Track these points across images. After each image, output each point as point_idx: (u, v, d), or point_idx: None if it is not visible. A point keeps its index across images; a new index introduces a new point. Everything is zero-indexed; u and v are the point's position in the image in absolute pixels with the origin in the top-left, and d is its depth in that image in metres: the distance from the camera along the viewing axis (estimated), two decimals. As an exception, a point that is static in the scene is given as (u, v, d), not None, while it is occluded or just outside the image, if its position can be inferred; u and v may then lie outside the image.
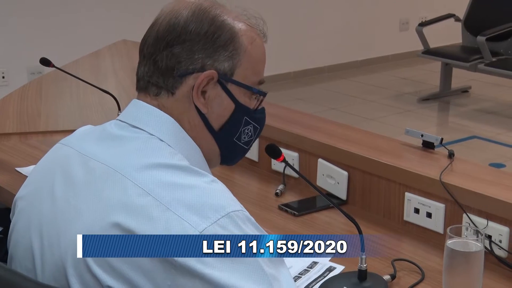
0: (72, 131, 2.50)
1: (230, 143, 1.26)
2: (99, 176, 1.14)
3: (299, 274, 1.67)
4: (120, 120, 1.23)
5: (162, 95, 1.20)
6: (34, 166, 2.14)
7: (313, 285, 1.63)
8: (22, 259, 1.21)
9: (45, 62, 2.42)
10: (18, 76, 5.12)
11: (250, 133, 1.28)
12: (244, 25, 1.23)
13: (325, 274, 1.67)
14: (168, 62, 1.18)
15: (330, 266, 1.70)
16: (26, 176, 2.08)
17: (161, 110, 1.20)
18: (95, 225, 1.08)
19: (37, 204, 1.21)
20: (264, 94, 1.27)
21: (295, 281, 1.61)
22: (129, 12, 5.70)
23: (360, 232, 1.49)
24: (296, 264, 1.71)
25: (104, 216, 1.08)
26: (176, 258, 1.03)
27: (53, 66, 2.44)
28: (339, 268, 1.70)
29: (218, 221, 1.05)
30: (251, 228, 1.09)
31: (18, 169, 2.18)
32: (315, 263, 1.71)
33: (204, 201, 1.07)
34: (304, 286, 1.61)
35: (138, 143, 1.16)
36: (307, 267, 1.69)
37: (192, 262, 1.03)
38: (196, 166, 1.15)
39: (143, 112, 1.20)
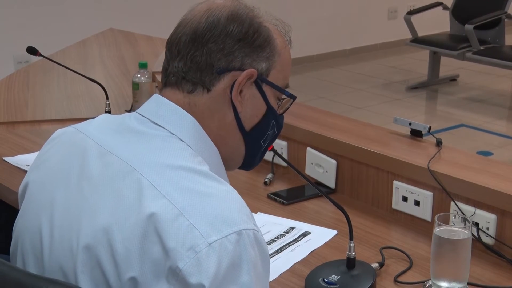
0: (59, 120, 2.54)
1: (257, 145, 1.27)
2: (116, 172, 1.12)
3: (274, 238, 1.71)
4: (140, 114, 1.21)
5: (197, 92, 1.19)
6: (22, 155, 2.17)
7: (285, 248, 1.67)
8: (30, 246, 1.20)
9: (32, 51, 2.40)
10: (4, 65, 5.08)
11: (271, 138, 1.29)
12: (276, 29, 1.25)
13: (299, 239, 1.70)
14: (208, 58, 1.18)
15: (306, 231, 1.73)
16: (14, 166, 2.11)
17: (191, 108, 1.19)
18: (124, 220, 1.07)
19: (49, 190, 1.19)
20: (294, 98, 1.28)
21: (269, 244, 1.67)
22: (116, 0, 5.66)
23: (348, 220, 1.50)
24: (274, 228, 1.75)
25: (132, 213, 1.07)
26: (182, 269, 1.02)
27: (40, 55, 2.43)
28: (314, 233, 1.74)
29: (229, 235, 1.04)
30: (256, 253, 1.07)
31: (5, 158, 2.17)
32: (292, 228, 1.74)
33: (218, 212, 1.06)
34: (277, 249, 1.66)
35: (158, 141, 1.15)
36: (284, 232, 1.74)
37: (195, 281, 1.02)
38: (213, 169, 1.15)
39: (164, 109, 1.19)
